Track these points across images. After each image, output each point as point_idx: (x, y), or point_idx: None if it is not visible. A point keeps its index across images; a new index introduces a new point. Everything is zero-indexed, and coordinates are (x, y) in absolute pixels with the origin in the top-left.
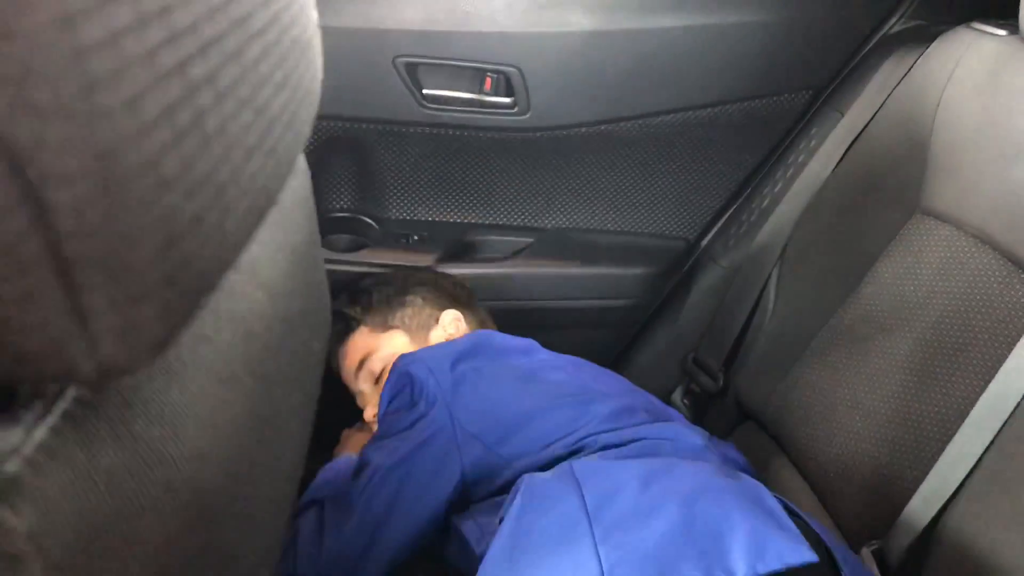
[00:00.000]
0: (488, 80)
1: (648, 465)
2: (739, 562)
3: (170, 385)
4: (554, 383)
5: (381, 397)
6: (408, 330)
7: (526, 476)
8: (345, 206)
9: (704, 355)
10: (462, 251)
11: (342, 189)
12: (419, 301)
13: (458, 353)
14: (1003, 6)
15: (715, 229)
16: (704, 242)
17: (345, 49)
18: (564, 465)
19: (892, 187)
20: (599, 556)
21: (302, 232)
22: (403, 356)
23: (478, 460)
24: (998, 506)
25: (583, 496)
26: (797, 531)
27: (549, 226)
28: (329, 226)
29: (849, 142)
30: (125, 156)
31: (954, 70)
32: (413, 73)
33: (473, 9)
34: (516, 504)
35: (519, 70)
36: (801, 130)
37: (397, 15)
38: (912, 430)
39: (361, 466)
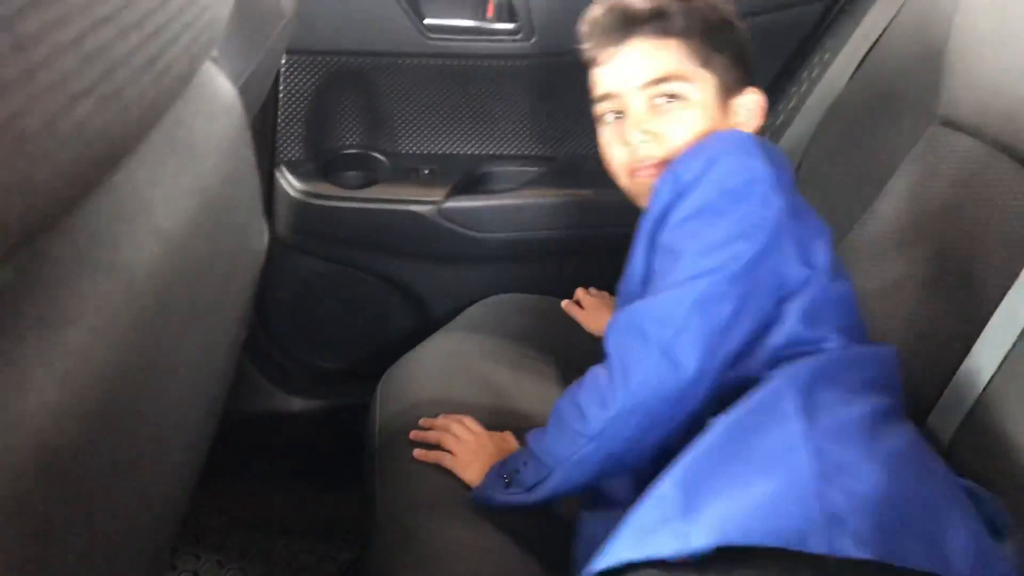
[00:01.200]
0: (491, 6)
1: (872, 409)
2: (962, 562)
3: (23, 339)
4: None
5: (663, 188)
6: (720, 84)
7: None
8: (354, 142)
9: None
10: (474, 183)
11: (350, 126)
12: (738, 53)
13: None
14: None
15: None
16: None
17: None
18: (790, 378)
19: (909, 97)
20: (823, 496)
21: (218, 173)
22: (726, 135)
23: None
24: (1014, 417)
25: (807, 425)
26: (1014, 555)
27: (561, 154)
28: (340, 163)
29: (864, 53)
30: None
31: None
32: (414, 3)
33: None
34: (736, 409)
35: None
36: (815, 43)
37: None
38: (930, 343)
39: None
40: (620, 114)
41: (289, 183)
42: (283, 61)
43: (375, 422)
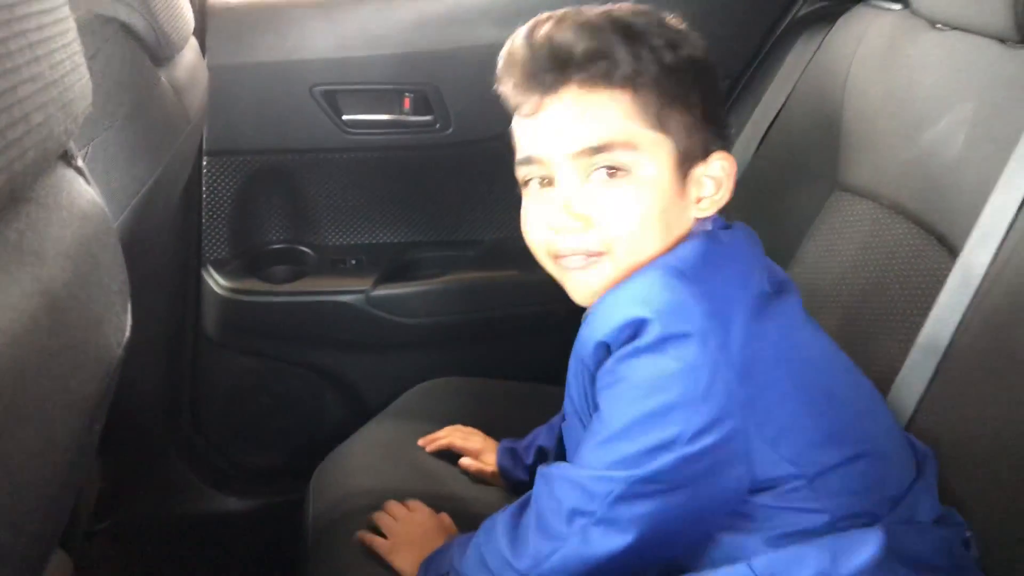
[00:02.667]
0: (407, 100)
1: None
2: None
3: None
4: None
5: (598, 321)
6: (679, 151)
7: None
8: (281, 237)
9: None
10: (402, 270)
11: (276, 221)
12: (706, 104)
13: (756, 289)
14: None
15: None
16: None
17: (262, 83)
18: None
19: (811, 166)
20: None
21: (66, 276)
22: (657, 270)
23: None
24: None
25: None
26: None
27: (487, 238)
28: (267, 259)
29: (766, 127)
30: None
31: (857, 48)
32: (332, 100)
33: (384, 32)
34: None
35: (436, 87)
36: None
37: (309, 45)
38: None
39: None
40: (547, 180)
41: (216, 281)
42: (204, 163)
43: (308, 518)
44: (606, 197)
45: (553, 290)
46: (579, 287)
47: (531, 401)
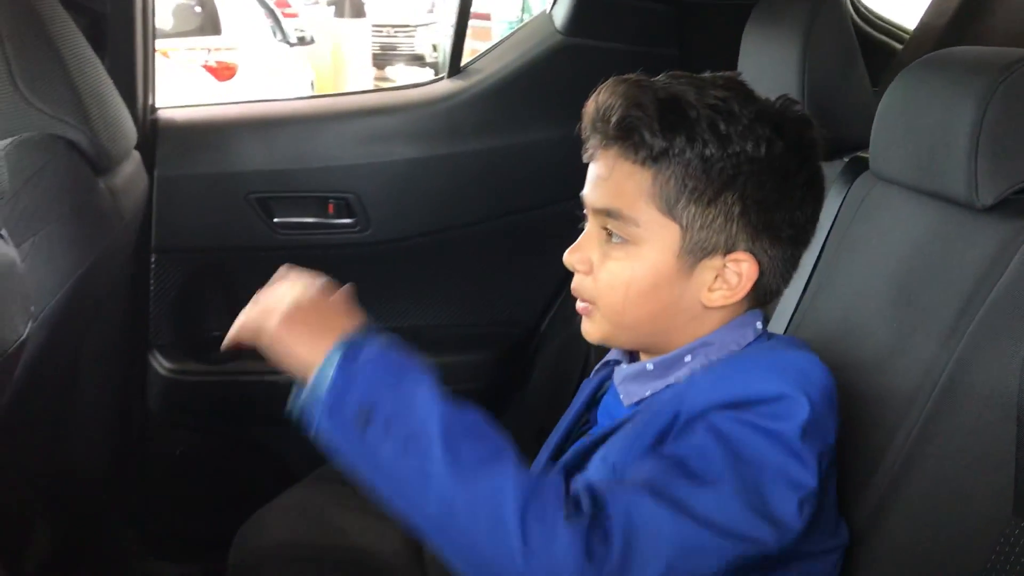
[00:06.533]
0: (331, 205)
1: None
2: None
3: None
4: None
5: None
6: (686, 237)
7: None
8: (220, 325)
9: (551, 427)
10: None
11: (215, 311)
12: (738, 207)
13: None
14: None
15: (551, 313)
16: (543, 326)
17: (204, 192)
18: None
19: None
20: None
21: None
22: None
23: None
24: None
25: None
26: None
27: (403, 325)
28: (207, 345)
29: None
30: None
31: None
32: (265, 206)
33: (310, 148)
34: None
35: (357, 195)
36: None
37: (246, 158)
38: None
39: None
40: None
41: (160, 364)
42: (153, 259)
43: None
44: (606, 256)
45: (462, 372)
46: (584, 327)
47: None
